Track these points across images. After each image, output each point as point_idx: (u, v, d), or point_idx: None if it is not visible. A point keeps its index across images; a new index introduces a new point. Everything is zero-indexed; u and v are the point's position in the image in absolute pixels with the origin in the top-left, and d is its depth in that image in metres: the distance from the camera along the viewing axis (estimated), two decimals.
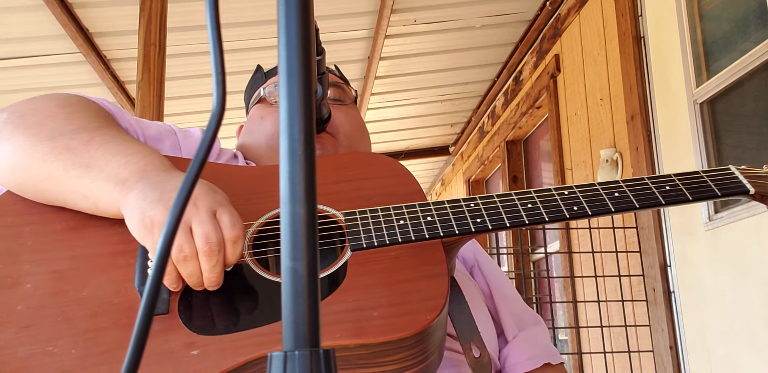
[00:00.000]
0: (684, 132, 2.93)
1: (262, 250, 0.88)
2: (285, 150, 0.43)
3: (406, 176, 0.97)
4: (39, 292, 0.81)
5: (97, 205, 0.84)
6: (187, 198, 0.46)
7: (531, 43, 4.67)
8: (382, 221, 0.86)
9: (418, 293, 0.80)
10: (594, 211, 0.87)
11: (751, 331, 2.50)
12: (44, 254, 0.85)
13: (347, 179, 0.95)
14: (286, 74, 0.44)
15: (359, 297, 0.79)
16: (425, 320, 0.76)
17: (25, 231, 0.87)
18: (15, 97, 4.73)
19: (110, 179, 0.83)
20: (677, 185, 0.89)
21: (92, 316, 0.79)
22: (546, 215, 0.87)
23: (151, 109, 3.22)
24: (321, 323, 0.42)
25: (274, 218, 0.89)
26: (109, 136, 0.88)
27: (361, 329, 0.75)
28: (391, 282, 0.81)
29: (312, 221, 0.43)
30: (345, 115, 1.18)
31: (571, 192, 0.89)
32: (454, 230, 0.85)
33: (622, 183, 0.90)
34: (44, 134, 0.87)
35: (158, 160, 0.86)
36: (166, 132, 1.09)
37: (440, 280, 0.81)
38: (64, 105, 0.94)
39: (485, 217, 0.87)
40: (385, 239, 0.84)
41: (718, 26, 2.86)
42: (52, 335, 0.78)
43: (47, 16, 3.68)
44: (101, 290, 0.82)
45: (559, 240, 4.14)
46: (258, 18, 3.94)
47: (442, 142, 6.81)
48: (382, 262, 0.84)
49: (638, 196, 0.88)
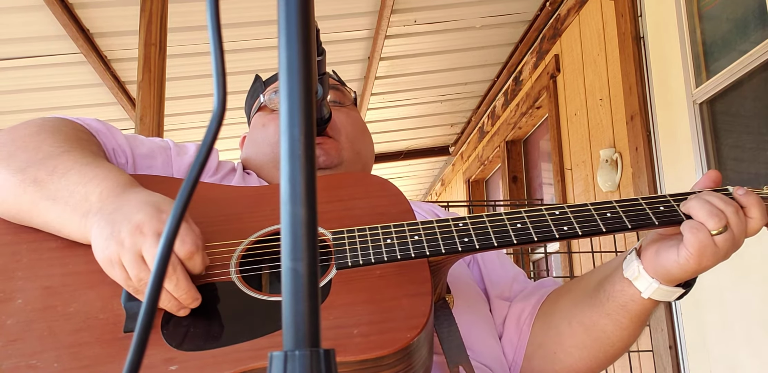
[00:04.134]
0: (683, 132, 2.93)
1: (249, 267, 0.88)
2: (285, 150, 0.43)
3: (396, 196, 0.97)
4: (29, 307, 0.83)
5: (70, 236, 0.88)
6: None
7: (531, 44, 4.67)
8: (369, 240, 0.86)
9: (400, 312, 0.79)
10: (584, 231, 0.87)
11: (750, 331, 2.50)
12: (38, 271, 0.87)
13: (338, 199, 0.96)
14: (286, 75, 0.44)
15: (340, 315, 0.79)
16: (405, 338, 0.76)
17: (22, 249, 0.90)
18: (15, 97, 4.76)
19: (75, 212, 0.86)
20: (672, 206, 0.89)
21: (77, 331, 0.81)
22: (535, 236, 0.86)
23: (151, 109, 3.22)
24: None
25: (263, 237, 0.90)
26: (71, 163, 0.91)
27: (340, 347, 0.75)
28: (373, 300, 0.81)
29: (312, 222, 0.43)
30: (346, 117, 1.17)
31: (562, 212, 0.89)
32: (441, 250, 0.85)
33: (615, 203, 0.90)
34: (15, 166, 0.91)
35: (114, 181, 0.89)
36: (160, 149, 1.10)
37: (423, 299, 0.81)
38: (38, 132, 0.97)
39: (473, 236, 0.86)
40: (371, 258, 0.84)
41: (718, 27, 2.86)
42: (36, 349, 0.79)
43: (48, 16, 3.68)
44: (88, 306, 0.84)
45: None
46: (258, 18, 3.94)
47: (442, 142, 6.81)
48: (367, 280, 0.84)
49: (631, 217, 0.88)
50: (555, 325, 1.04)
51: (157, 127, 3.20)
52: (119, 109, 4.85)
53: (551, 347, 1.04)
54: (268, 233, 0.91)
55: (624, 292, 0.94)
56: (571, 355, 1.02)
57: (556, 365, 1.04)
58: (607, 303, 0.96)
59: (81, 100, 4.75)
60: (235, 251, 0.88)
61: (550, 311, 1.07)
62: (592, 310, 0.99)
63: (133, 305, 0.83)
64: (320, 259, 0.88)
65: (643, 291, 0.92)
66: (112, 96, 4.64)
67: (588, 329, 1.00)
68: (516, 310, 1.10)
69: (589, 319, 0.99)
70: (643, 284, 0.92)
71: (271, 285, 0.93)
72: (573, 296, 1.05)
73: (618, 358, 1.04)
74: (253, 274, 0.88)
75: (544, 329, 1.06)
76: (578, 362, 1.02)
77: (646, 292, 0.92)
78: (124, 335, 0.81)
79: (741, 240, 0.89)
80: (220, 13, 0.46)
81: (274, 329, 0.79)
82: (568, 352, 1.03)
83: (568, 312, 1.03)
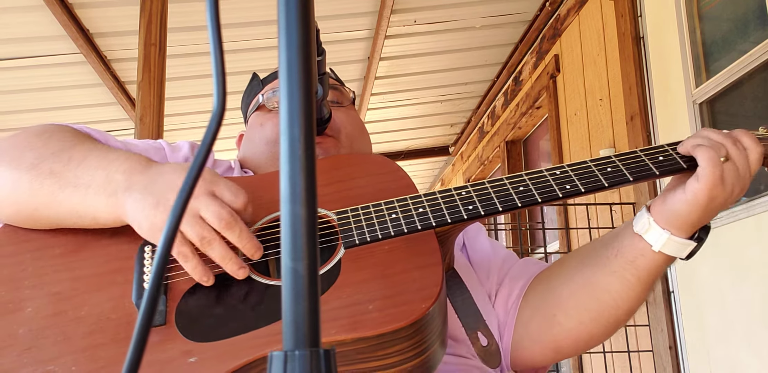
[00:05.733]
0: (683, 132, 2.93)
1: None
2: (285, 150, 0.43)
3: (396, 172, 0.97)
4: (40, 314, 0.84)
5: (96, 219, 0.87)
6: (185, 206, 0.46)
7: (531, 44, 4.67)
8: (374, 216, 0.87)
9: (412, 284, 0.80)
10: (587, 188, 0.86)
11: (751, 331, 2.50)
12: (44, 278, 0.87)
13: (338, 180, 0.96)
14: (286, 75, 0.44)
15: (354, 292, 0.79)
16: (420, 308, 0.76)
17: (26, 258, 0.90)
18: (15, 97, 4.75)
19: (100, 193, 0.86)
20: (671, 155, 0.89)
21: (90, 333, 0.81)
22: (538, 197, 0.86)
23: (151, 109, 3.22)
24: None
25: (267, 224, 0.90)
26: (86, 151, 0.91)
27: (356, 324, 0.75)
28: (385, 275, 0.81)
29: (312, 221, 0.43)
30: (345, 117, 1.18)
31: (563, 171, 0.89)
32: (446, 219, 0.85)
33: (614, 158, 0.89)
34: (26, 164, 0.90)
35: (136, 161, 0.89)
36: (154, 149, 1.11)
37: (434, 269, 0.81)
38: (39, 133, 0.97)
39: (477, 203, 0.86)
40: (378, 234, 0.85)
41: (718, 27, 2.86)
42: (53, 355, 0.79)
43: (48, 16, 3.68)
44: (99, 308, 0.84)
45: (559, 240, 4.14)
46: (258, 18, 3.94)
47: (442, 142, 6.81)
48: (376, 256, 0.84)
49: (631, 169, 0.88)
50: (557, 287, 1.01)
51: (156, 127, 3.21)
52: (119, 109, 4.85)
53: (551, 309, 1.00)
54: (270, 220, 0.91)
55: (634, 246, 0.92)
56: (572, 318, 0.98)
57: (554, 329, 0.99)
58: (615, 260, 0.94)
59: (81, 100, 4.75)
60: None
61: (554, 273, 1.04)
62: (597, 268, 0.96)
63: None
64: (327, 240, 0.88)
65: (653, 244, 0.90)
66: (112, 96, 4.64)
67: (592, 289, 0.96)
68: (504, 292, 1.07)
69: (594, 278, 0.96)
70: (653, 235, 0.90)
71: (279, 270, 0.93)
72: (578, 258, 1.02)
73: (619, 327, 0.99)
74: (260, 260, 0.88)
75: (545, 292, 1.02)
76: (578, 327, 0.98)
77: (657, 244, 0.90)
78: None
79: (745, 174, 0.87)
80: (219, 13, 0.46)
81: None
82: (569, 314, 0.98)
83: (573, 273, 0.99)
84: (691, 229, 0.89)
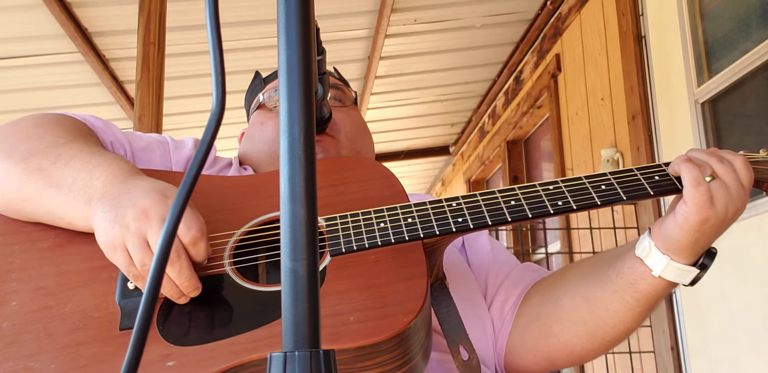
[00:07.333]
0: (685, 132, 2.92)
1: (243, 258, 0.87)
2: (285, 150, 0.42)
3: (388, 178, 0.96)
4: (24, 309, 0.83)
5: (72, 224, 0.88)
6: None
7: (531, 43, 4.67)
8: (363, 224, 0.86)
9: (396, 296, 0.79)
10: (579, 205, 0.86)
11: (752, 332, 2.49)
12: (31, 272, 0.87)
13: (330, 184, 0.95)
14: (286, 74, 0.43)
15: (336, 302, 0.78)
16: (402, 322, 0.76)
17: (14, 250, 0.90)
18: (14, 97, 4.75)
19: (79, 198, 0.86)
20: (667, 175, 0.88)
21: (73, 331, 0.81)
22: (529, 212, 0.85)
23: (150, 108, 3.22)
24: None
25: (255, 227, 0.89)
26: (75, 151, 0.92)
27: (337, 335, 0.75)
28: (369, 286, 0.80)
29: (312, 222, 0.42)
30: (346, 116, 1.17)
31: (556, 187, 0.88)
32: (435, 231, 0.84)
33: (609, 175, 0.88)
34: (17, 156, 0.91)
35: (118, 168, 0.89)
36: (158, 143, 1.10)
37: (419, 281, 0.80)
38: (38, 124, 0.97)
39: (467, 216, 0.85)
40: (365, 243, 0.84)
41: (719, 26, 2.85)
42: (34, 351, 0.79)
43: (46, 15, 3.68)
44: (83, 305, 0.83)
45: (560, 240, 4.14)
46: (258, 17, 3.94)
47: (442, 142, 6.80)
48: (362, 266, 0.83)
49: (626, 188, 0.87)
50: (556, 297, 1.01)
51: (155, 126, 3.20)
52: (118, 108, 4.85)
53: (548, 319, 1.00)
54: (260, 222, 0.90)
55: (635, 269, 0.91)
56: (568, 330, 0.98)
57: (549, 339, 1.00)
58: (615, 279, 0.93)
59: (79, 99, 4.74)
60: (228, 242, 0.88)
61: (554, 283, 1.04)
62: (598, 285, 0.96)
63: (127, 302, 0.83)
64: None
65: (653, 268, 0.89)
66: (111, 95, 4.64)
67: (591, 304, 0.96)
68: (500, 298, 1.07)
69: (594, 294, 0.96)
70: (653, 260, 0.89)
71: (267, 274, 0.92)
72: (581, 271, 1.02)
73: (615, 345, 0.99)
74: (248, 264, 0.87)
75: (543, 302, 1.03)
76: (573, 340, 0.98)
77: (657, 268, 0.88)
78: (120, 333, 0.81)
79: (738, 193, 0.84)
80: (219, 11, 0.46)
81: (269, 320, 0.78)
82: (565, 327, 0.98)
83: (574, 285, 1.00)
84: (690, 253, 0.87)
